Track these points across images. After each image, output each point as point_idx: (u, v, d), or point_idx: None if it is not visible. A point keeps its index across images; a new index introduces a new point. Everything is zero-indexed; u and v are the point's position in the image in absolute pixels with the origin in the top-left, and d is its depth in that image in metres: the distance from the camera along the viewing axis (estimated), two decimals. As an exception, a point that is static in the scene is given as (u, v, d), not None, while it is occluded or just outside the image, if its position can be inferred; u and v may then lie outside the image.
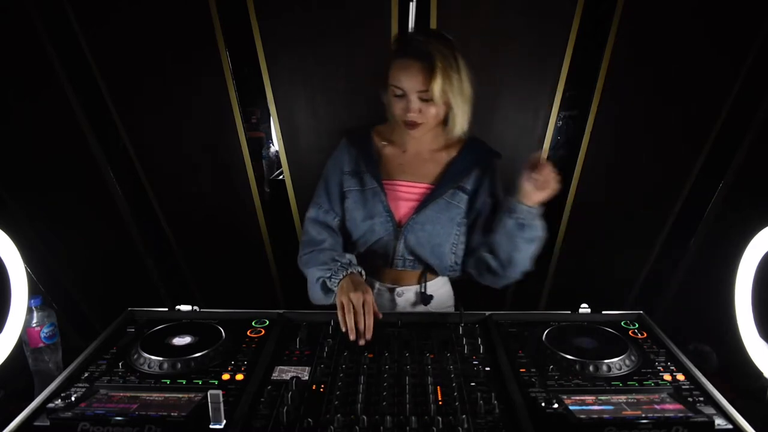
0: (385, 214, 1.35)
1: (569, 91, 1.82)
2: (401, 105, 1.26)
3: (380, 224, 1.35)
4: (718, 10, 1.64)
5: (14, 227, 1.17)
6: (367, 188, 1.36)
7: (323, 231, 1.39)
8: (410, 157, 1.41)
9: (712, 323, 1.29)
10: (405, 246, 1.36)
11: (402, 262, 1.38)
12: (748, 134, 1.76)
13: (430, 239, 1.35)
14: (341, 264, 1.27)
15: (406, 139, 1.40)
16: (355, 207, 1.37)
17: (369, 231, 1.37)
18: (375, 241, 1.38)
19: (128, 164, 1.94)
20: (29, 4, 1.62)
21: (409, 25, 1.79)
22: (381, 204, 1.35)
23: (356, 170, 1.38)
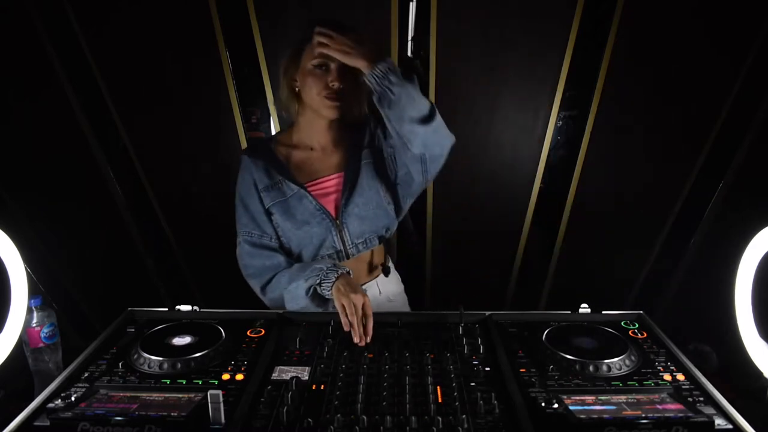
0: (319, 213, 1.33)
1: (569, 91, 1.82)
2: (322, 80, 1.26)
3: (317, 224, 1.34)
4: (718, 10, 1.64)
5: (14, 227, 1.17)
6: (289, 196, 1.34)
7: (271, 254, 1.36)
8: (319, 153, 1.39)
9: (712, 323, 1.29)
10: (350, 231, 1.36)
11: (356, 249, 1.38)
12: (748, 134, 1.76)
13: (366, 208, 1.35)
14: (328, 268, 1.25)
15: (312, 136, 1.38)
16: (285, 218, 1.34)
17: (307, 236, 1.34)
18: (319, 245, 1.35)
19: (128, 164, 1.94)
20: (29, 4, 1.62)
21: (409, 25, 1.79)
22: (311, 204, 1.33)
23: (271, 183, 1.35)
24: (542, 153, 1.91)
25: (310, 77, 1.27)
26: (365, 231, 1.37)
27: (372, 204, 1.36)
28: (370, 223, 1.37)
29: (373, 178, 1.36)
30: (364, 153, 1.37)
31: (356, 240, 1.37)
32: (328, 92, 1.26)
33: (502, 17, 1.71)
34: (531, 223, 2.05)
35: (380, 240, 1.41)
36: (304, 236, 1.34)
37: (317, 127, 1.37)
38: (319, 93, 1.27)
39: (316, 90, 1.27)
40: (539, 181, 1.97)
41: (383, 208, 1.38)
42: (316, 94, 1.27)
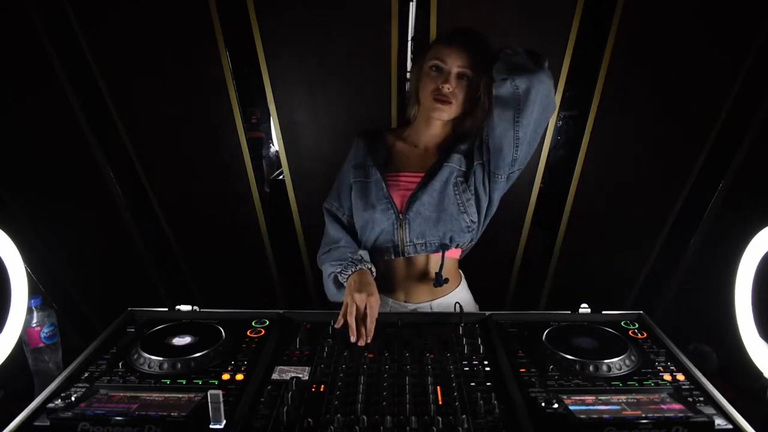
0: (384, 201, 1.35)
1: (569, 91, 1.82)
2: (436, 82, 1.30)
3: (381, 212, 1.35)
4: (718, 11, 1.64)
5: (14, 227, 1.17)
6: (371, 180, 1.38)
7: (339, 228, 1.42)
8: (420, 152, 1.42)
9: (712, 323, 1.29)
10: (410, 228, 1.35)
11: (413, 248, 1.36)
12: (748, 134, 1.76)
13: (431, 209, 1.33)
14: (352, 260, 1.29)
15: (421, 134, 1.42)
16: (357, 197, 1.39)
17: (370, 220, 1.36)
18: (379, 234, 1.36)
19: (128, 164, 1.94)
20: (29, 4, 1.62)
21: (409, 25, 1.79)
22: (381, 192, 1.36)
23: (363, 163, 1.41)
24: (542, 153, 1.91)
25: (426, 78, 1.33)
26: (426, 232, 1.35)
27: (439, 207, 1.33)
28: (433, 225, 1.34)
29: (448, 182, 1.34)
30: (453, 157, 1.36)
31: (416, 240, 1.36)
32: (438, 94, 1.30)
33: (502, 17, 1.71)
34: (531, 223, 2.05)
35: (442, 248, 1.36)
36: (368, 219, 1.36)
37: (428, 129, 1.40)
38: (431, 93, 1.31)
39: (428, 90, 1.32)
40: (539, 181, 1.97)
41: (451, 216, 1.34)
42: (428, 93, 1.32)
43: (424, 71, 1.33)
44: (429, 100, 1.32)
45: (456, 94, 1.30)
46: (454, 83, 1.29)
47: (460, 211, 1.34)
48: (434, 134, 1.41)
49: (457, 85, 1.30)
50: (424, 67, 1.34)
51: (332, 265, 1.33)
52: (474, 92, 1.32)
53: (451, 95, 1.30)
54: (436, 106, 1.31)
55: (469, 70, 1.29)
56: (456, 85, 1.30)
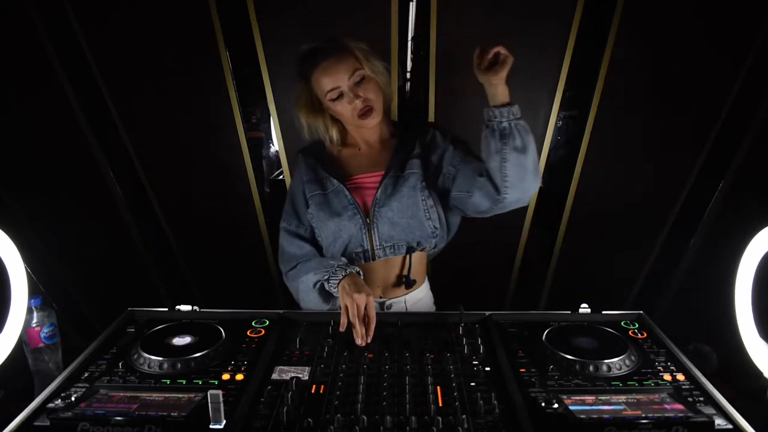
0: (351, 207, 1.36)
1: (569, 91, 1.82)
2: (345, 104, 1.30)
3: (348, 218, 1.35)
4: (718, 10, 1.64)
5: (14, 227, 1.17)
6: (329, 191, 1.38)
7: (303, 244, 1.40)
8: (365, 153, 1.44)
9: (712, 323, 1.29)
10: (379, 232, 1.36)
11: (382, 251, 1.38)
12: (748, 134, 1.76)
13: (400, 215, 1.35)
14: (338, 265, 1.28)
15: (359, 137, 1.44)
16: (319, 209, 1.37)
17: (338, 228, 1.36)
18: (348, 240, 1.37)
19: (128, 164, 1.94)
20: (29, 4, 1.62)
21: (409, 25, 1.79)
22: (345, 199, 1.36)
23: (316, 177, 1.41)
24: (542, 153, 1.91)
25: (336, 108, 1.32)
26: (394, 236, 1.37)
27: (408, 213, 1.35)
28: (401, 230, 1.37)
29: (415, 189, 1.36)
30: (412, 162, 1.38)
31: (385, 243, 1.37)
32: (359, 112, 1.30)
33: (502, 17, 1.71)
34: (531, 223, 2.05)
35: (408, 250, 1.39)
36: (334, 229, 1.37)
37: (363, 131, 1.42)
38: (352, 116, 1.31)
39: (348, 116, 1.32)
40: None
41: (419, 220, 1.36)
42: (350, 117, 1.33)
43: (328, 104, 1.32)
44: (355, 121, 1.33)
45: (369, 98, 1.30)
46: (360, 93, 1.29)
47: (425, 217, 1.37)
48: (369, 132, 1.43)
49: (362, 90, 1.29)
50: (324, 101, 1.33)
51: (316, 274, 1.31)
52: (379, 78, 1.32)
53: (367, 102, 1.30)
54: (364, 121, 1.32)
55: (359, 71, 1.29)
56: (362, 91, 1.29)
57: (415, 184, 1.36)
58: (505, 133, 1.20)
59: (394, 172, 1.37)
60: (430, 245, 1.41)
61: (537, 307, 2.24)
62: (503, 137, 1.20)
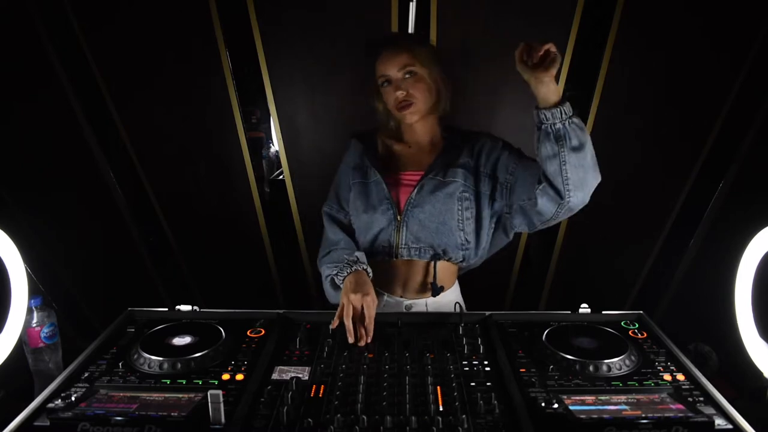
0: (386, 202, 1.37)
1: (569, 91, 1.82)
2: (391, 94, 1.35)
3: (382, 212, 1.37)
4: (718, 10, 1.64)
5: (14, 227, 1.17)
6: (370, 180, 1.40)
7: (339, 231, 1.43)
8: (414, 151, 1.45)
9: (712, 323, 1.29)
10: (408, 231, 1.36)
11: (407, 251, 1.37)
12: (748, 134, 1.76)
13: (431, 219, 1.34)
14: (347, 261, 1.30)
15: (408, 133, 1.45)
16: (357, 197, 1.40)
17: (370, 221, 1.38)
18: (378, 233, 1.38)
19: (128, 164, 1.94)
20: (29, 4, 1.62)
21: (409, 25, 1.79)
22: (382, 192, 1.37)
23: (361, 164, 1.43)
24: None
25: (384, 95, 1.38)
26: (421, 238, 1.36)
27: (439, 218, 1.35)
28: (429, 234, 1.36)
29: (452, 197, 1.35)
30: (456, 171, 1.36)
31: (411, 244, 1.37)
32: (397, 103, 1.34)
33: (502, 17, 1.71)
34: (531, 223, 2.05)
35: (434, 257, 1.37)
36: (367, 220, 1.38)
37: (410, 128, 1.43)
38: (393, 106, 1.36)
39: (390, 104, 1.37)
40: (539, 181, 1.96)
41: (449, 228, 1.35)
42: (392, 107, 1.37)
43: (379, 89, 1.39)
44: (395, 112, 1.37)
45: (412, 93, 1.33)
46: (403, 86, 1.32)
47: (458, 227, 1.36)
48: (420, 131, 1.43)
49: (409, 85, 1.33)
50: (377, 86, 1.39)
51: (329, 268, 1.34)
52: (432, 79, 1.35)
53: (408, 97, 1.33)
54: (403, 114, 1.35)
55: (410, 67, 1.32)
56: (407, 86, 1.33)
57: (454, 192, 1.35)
58: (560, 134, 1.13)
59: (434, 175, 1.36)
60: (457, 257, 1.39)
61: (537, 307, 2.24)
62: (558, 139, 1.13)
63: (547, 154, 1.16)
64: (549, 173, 1.18)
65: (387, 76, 1.34)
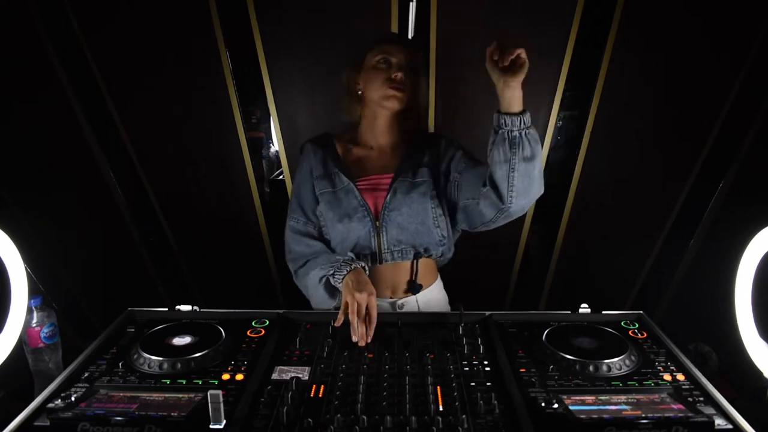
0: (361, 209, 1.35)
1: (569, 91, 1.82)
2: (385, 76, 1.33)
3: (358, 220, 1.35)
4: (718, 10, 1.64)
5: (14, 227, 1.17)
6: (338, 188, 1.37)
7: (311, 242, 1.38)
8: (377, 153, 1.44)
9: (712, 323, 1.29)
10: (388, 236, 1.36)
11: (390, 255, 1.37)
12: (748, 134, 1.76)
13: (410, 220, 1.35)
14: (344, 260, 1.28)
15: (369, 133, 1.44)
16: (329, 208, 1.37)
17: (347, 230, 1.35)
18: (357, 241, 1.36)
19: (128, 164, 1.94)
20: (29, 4, 1.62)
21: (409, 25, 1.79)
22: (356, 200, 1.35)
23: (326, 172, 1.40)
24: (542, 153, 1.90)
25: (373, 71, 1.35)
26: (402, 241, 1.37)
27: (417, 219, 1.35)
28: (410, 235, 1.36)
29: (425, 195, 1.36)
30: (422, 170, 1.38)
31: (393, 247, 1.37)
32: (391, 83, 1.33)
33: (502, 17, 1.71)
34: (531, 223, 2.05)
35: (416, 255, 1.38)
36: (343, 230, 1.36)
37: (378, 127, 1.42)
38: (382, 84, 1.33)
39: (379, 81, 1.34)
40: (539, 181, 1.96)
41: (427, 227, 1.37)
42: (379, 85, 1.34)
43: (370, 67, 1.36)
44: (382, 90, 1.34)
45: (407, 84, 1.34)
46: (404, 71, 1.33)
47: (434, 224, 1.37)
48: (383, 133, 1.43)
49: (407, 75, 1.34)
50: (368, 64, 1.36)
51: (322, 269, 1.30)
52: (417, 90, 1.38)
53: (402, 84, 1.33)
54: (391, 93, 1.33)
55: (415, 59, 1.35)
56: (407, 74, 1.34)
57: (425, 191, 1.36)
58: (515, 142, 1.15)
59: (404, 177, 1.37)
60: (437, 253, 1.41)
61: (537, 307, 2.24)
62: (513, 146, 1.15)
63: (498, 159, 1.18)
64: (496, 177, 1.20)
65: (391, 57, 1.34)
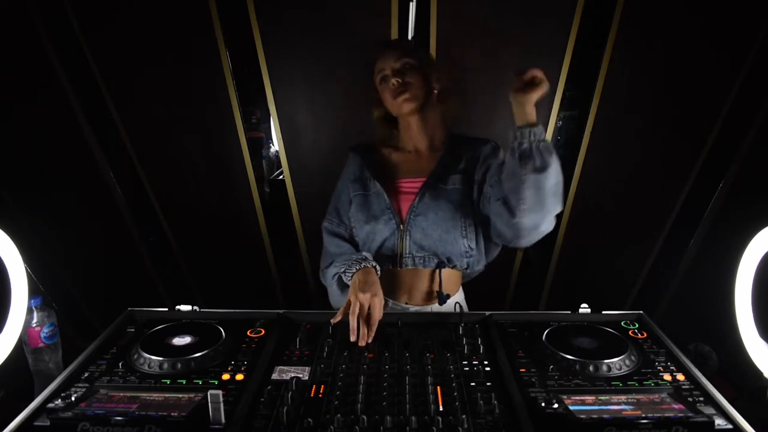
0: (388, 212, 1.36)
1: (569, 91, 1.82)
2: (388, 91, 1.36)
3: (384, 222, 1.36)
4: (718, 10, 1.64)
5: (14, 227, 1.17)
6: (371, 192, 1.39)
7: (341, 242, 1.41)
8: (414, 157, 1.44)
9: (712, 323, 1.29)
10: (411, 240, 1.35)
11: (411, 260, 1.36)
12: (748, 134, 1.76)
13: (434, 227, 1.34)
14: (356, 259, 1.29)
15: (406, 135, 1.44)
16: (359, 210, 1.39)
17: (372, 232, 1.37)
18: (381, 243, 1.37)
19: (128, 164, 1.94)
20: (29, 4, 1.62)
21: (409, 25, 1.79)
22: (384, 202, 1.36)
23: (361, 177, 1.43)
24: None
25: (381, 90, 1.39)
26: (425, 247, 1.36)
27: (443, 227, 1.34)
28: (433, 242, 1.35)
29: (456, 204, 1.34)
30: (455, 177, 1.36)
31: (415, 252, 1.36)
32: (394, 92, 1.35)
33: (502, 17, 1.71)
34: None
35: (438, 265, 1.37)
36: (369, 231, 1.38)
37: (412, 131, 1.43)
38: (390, 99, 1.37)
39: (388, 99, 1.38)
40: (539, 181, 1.96)
41: (453, 236, 1.35)
42: (390, 101, 1.37)
43: (378, 87, 1.40)
44: (392, 103, 1.37)
45: (408, 81, 1.34)
46: (401, 78, 1.34)
47: (461, 234, 1.36)
48: (417, 130, 1.42)
49: (404, 75, 1.35)
50: (377, 85, 1.40)
51: (336, 266, 1.33)
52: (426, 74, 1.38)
53: (402, 85, 1.34)
54: (397, 101, 1.35)
55: (406, 59, 1.35)
56: (404, 77, 1.34)
57: (456, 199, 1.34)
58: (525, 154, 1.13)
59: (434, 182, 1.35)
60: (462, 264, 1.39)
61: (537, 307, 2.24)
62: (522, 158, 1.14)
63: (509, 172, 1.18)
64: (506, 189, 1.20)
65: (385, 69, 1.36)
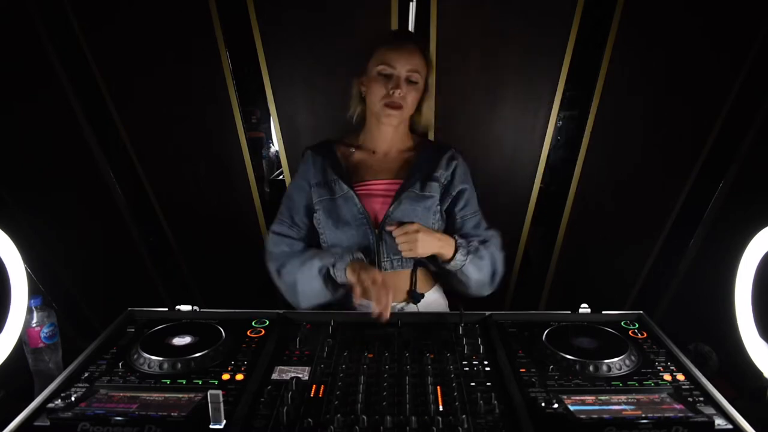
0: (360, 217, 1.33)
1: (569, 91, 1.82)
2: (386, 86, 1.30)
3: (356, 227, 1.33)
4: (718, 10, 1.64)
5: (14, 227, 1.17)
6: (337, 196, 1.35)
7: (292, 242, 1.38)
8: (380, 158, 1.42)
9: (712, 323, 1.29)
10: (388, 245, 1.34)
11: (390, 264, 1.36)
12: (748, 134, 1.76)
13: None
14: (344, 251, 1.28)
15: (377, 139, 1.42)
16: (327, 215, 1.35)
17: (345, 237, 1.34)
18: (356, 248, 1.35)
19: (128, 164, 1.94)
20: (29, 4, 1.62)
21: (409, 25, 1.79)
22: (355, 207, 1.33)
23: (324, 180, 1.37)
24: (542, 153, 1.90)
25: (374, 81, 1.32)
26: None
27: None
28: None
29: (430, 211, 1.34)
30: (432, 185, 1.36)
31: (393, 256, 1.36)
32: (389, 100, 1.30)
33: (502, 17, 1.71)
34: (531, 223, 2.05)
35: (416, 265, 1.38)
36: (342, 236, 1.34)
37: (381, 134, 1.40)
38: (381, 98, 1.31)
39: (378, 96, 1.31)
40: (539, 181, 1.96)
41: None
42: (378, 99, 1.31)
43: (372, 74, 1.33)
44: (379, 106, 1.32)
45: (406, 98, 1.31)
46: (404, 88, 1.29)
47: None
48: (388, 138, 1.41)
49: (407, 89, 1.30)
50: (370, 70, 1.33)
51: (321, 260, 1.29)
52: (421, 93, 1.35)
53: (401, 100, 1.30)
54: (388, 112, 1.31)
55: (417, 74, 1.31)
56: (406, 90, 1.30)
57: (431, 207, 1.35)
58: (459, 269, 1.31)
59: (411, 189, 1.34)
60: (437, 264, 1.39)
61: (537, 307, 2.24)
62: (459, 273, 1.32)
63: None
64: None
65: (391, 70, 1.30)
